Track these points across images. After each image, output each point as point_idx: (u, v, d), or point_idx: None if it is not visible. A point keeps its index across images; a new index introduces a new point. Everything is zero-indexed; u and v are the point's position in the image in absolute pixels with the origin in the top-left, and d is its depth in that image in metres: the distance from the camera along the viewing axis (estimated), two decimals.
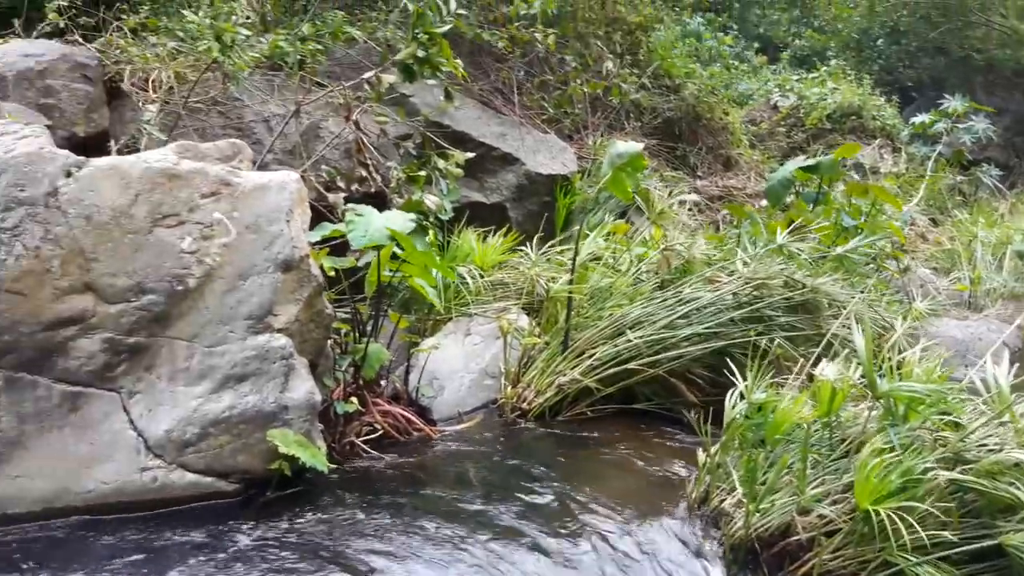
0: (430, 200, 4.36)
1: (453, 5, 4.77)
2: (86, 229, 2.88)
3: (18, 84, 5.14)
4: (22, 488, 2.75)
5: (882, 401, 3.04)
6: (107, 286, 2.89)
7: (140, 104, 5.18)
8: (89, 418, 2.85)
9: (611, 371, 4.03)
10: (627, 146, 4.27)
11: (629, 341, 4.06)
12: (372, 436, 3.57)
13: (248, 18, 4.79)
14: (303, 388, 3.09)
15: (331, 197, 4.61)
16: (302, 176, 3.68)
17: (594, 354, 4.06)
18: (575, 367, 4.04)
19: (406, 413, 3.75)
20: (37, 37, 5.82)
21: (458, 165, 4.77)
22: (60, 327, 2.83)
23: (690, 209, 6.73)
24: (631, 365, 4.03)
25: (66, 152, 3.00)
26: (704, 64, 9.62)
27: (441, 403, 3.99)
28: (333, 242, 3.77)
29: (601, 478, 3.32)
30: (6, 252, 2.79)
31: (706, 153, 8.30)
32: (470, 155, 4.91)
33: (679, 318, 4.15)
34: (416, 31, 4.58)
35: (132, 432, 2.87)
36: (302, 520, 2.83)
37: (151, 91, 5.12)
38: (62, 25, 5.59)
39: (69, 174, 2.93)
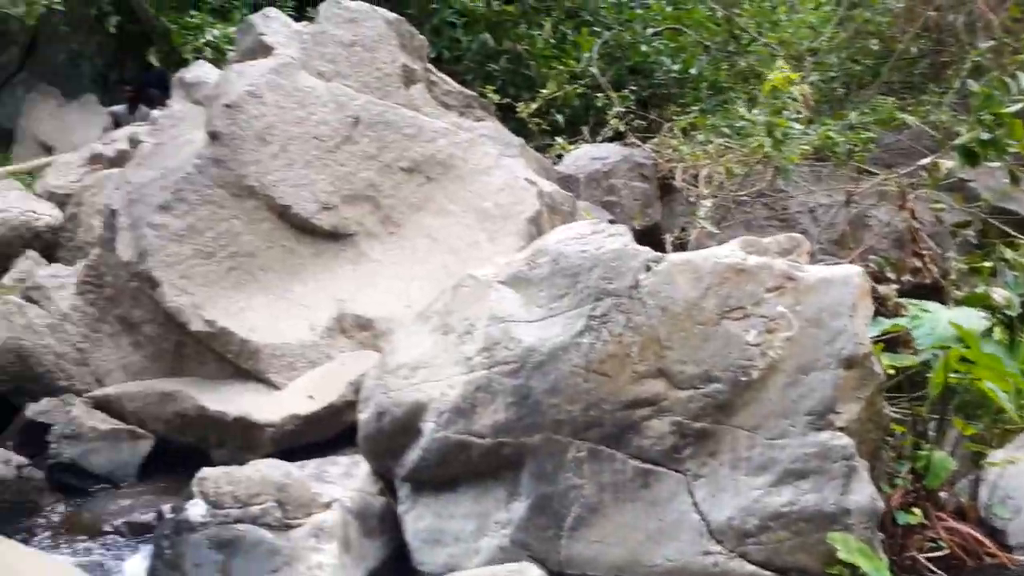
0: (997, 294, 3.93)
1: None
2: (662, 319, 3.12)
3: (588, 184, 5.93)
4: (599, 552, 3.02)
5: None
6: (678, 372, 3.09)
7: (688, 199, 5.57)
8: (657, 496, 3.04)
9: None
10: None
11: None
12: (934, 555, 3.24)
13: (799, 112, 4.87)
14: (865, 492, 2.94)
15: (881, 289, 4.42)
16: None
17: None
18: None
19: (975, 533, 3.34)
20: (600, 141, 6.67)
21: None
22: (636, 407, 3.09)
23: None
24: None
25: (646, 248, 3.31)
26: None
27: (1018, 527, 3.47)
28: (885, 336, 3.58)
29: None
30: (595, 337, 3.14)
31: None
32: None
33: None
34: (980, 113, 4.25)
35: (695, 515, 2.99)
36: None
37: (701, 186, 5.48)
38: (621, 129, 6.31)
39: (648, 268, 3.22)
